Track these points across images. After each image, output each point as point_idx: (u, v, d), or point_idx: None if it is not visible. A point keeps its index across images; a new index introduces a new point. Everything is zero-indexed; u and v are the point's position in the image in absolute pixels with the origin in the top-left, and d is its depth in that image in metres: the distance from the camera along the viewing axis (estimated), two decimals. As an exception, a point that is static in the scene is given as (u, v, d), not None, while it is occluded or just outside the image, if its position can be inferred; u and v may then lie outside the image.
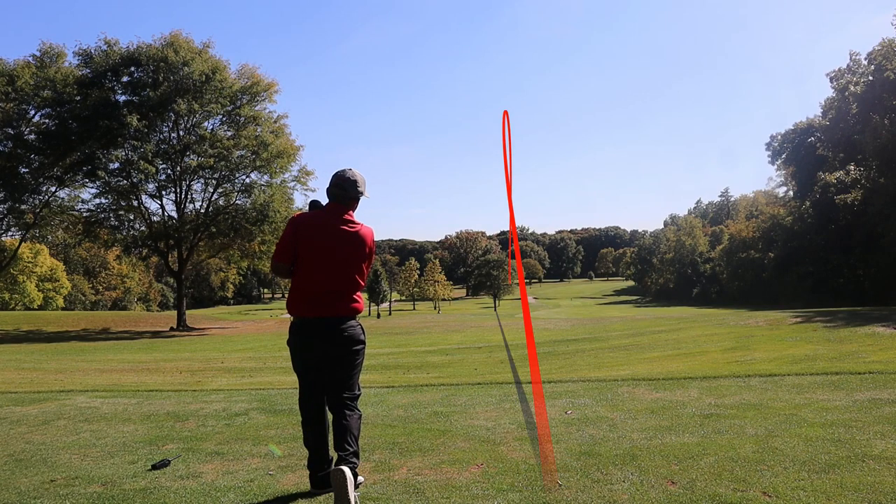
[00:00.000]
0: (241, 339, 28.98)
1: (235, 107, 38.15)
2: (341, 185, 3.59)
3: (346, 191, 3.59)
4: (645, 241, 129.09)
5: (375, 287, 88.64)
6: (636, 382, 6.93)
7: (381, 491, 3.47)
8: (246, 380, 11.64)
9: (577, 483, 3.46)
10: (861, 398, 5.38)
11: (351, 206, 3.63)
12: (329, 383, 3.57)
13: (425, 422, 5.26)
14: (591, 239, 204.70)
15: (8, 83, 34.26)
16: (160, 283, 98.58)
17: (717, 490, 3.25)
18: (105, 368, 15.57)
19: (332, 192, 3.61)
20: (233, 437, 4.93)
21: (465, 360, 15.20)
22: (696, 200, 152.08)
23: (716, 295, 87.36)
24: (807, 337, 12.80)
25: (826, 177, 52.63)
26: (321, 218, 3.56)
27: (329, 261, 3.49)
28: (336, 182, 3.61)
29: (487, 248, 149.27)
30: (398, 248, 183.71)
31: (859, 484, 3.24)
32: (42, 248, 65.80)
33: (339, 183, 3.60)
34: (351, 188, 3.60)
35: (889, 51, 39.79)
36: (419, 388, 7.48)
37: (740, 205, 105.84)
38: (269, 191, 38.73)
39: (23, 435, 5.31)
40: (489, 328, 30.09)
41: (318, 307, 3.50)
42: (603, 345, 16.79)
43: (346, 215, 3.57)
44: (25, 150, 35.88)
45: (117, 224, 39.26)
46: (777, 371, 7.29)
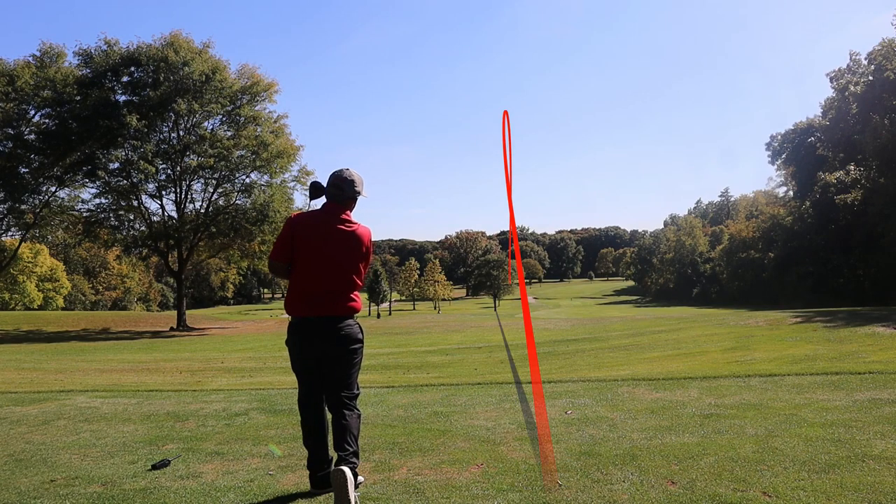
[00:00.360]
0: (241, 339, 28.98)
1: (235, 107, 38.17)
2: (338, 185, 3.60)
3: (344, 191, 3.59)
4: (645, 241, 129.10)
5: (375, 287, 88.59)
6: (636, 382, 6.93)
7: (381, 491, 3.47)
8: (246, 380, 11.64)
9: (577, 483, 3.46)
10: (861, 398, 5.38)
11: (348, 206, 3.63)
12: (328, 383, 3.57)
13: (425, 422, 5.26)
14: (591, 239, 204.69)
15: (8, 83, 34.27)
16: (160, 283, 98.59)
17: (717, 490, 3.25)
18: (105, 368, 15.57)
19: (329, 192, 3.62)
20: (233, 437, 4.93)
21: (465, 360, 15.20)
22: (696, 200, 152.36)
23: (716, 295, 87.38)
24: (807, 337, 12.80)
25: (826, 177, 52.62)
26: (318, 218, 3.56)
27: (326, 261, 3.50)
28: (333, 182, 3.61)
29: (487, 248, 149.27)
30: (398, 248, 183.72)
31: (859, 484, 3.24)
32: (42, 248, 65.78)
33: (337, 183, 3.60)
34: (348, 188, 3.60)
35: (889, 51, 39.79)
36: (419, 388, 7.48)
37: (740, 205, 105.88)
38: (269, 191, 38.74)
39: (23, 435, 5.31)
40: (489, 328, 30.09)
41: (316, 307, 3.50)
42: (603, 345, 16.79)
43: (344, 215, 3.57)
44: (25, 150, 35.90)
45: (117, 224, 39.28)
46: (777, 371, 7.29)
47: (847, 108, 45.05)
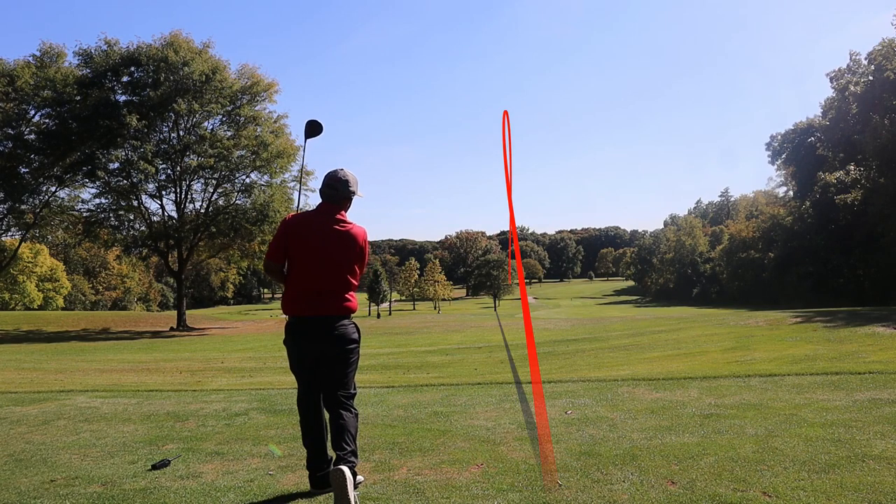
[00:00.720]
0: (241, 339, 28.98)
1: (235, 107, 38.17)
2: (333, 185, 3.62)
3: (338, 190, 3.62)
4: (645, 241, 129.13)
5: (375, 287, 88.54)
6: (636, 382, 6.93)
7: (381, 491, 3.47)
8: (246, 380, 11.64)
9: (577, 483, 3.46)
10: (861, 398, 5.38)
11: (343, 206, 3.65)
12: (324, 382, 3.58)
13: (425, 422, 5.26)
14: (591, 239, 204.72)
15: (8, 83, 34.27)
16: (160, 283, 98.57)
17: (717, 490, 3.25)
18: (105, 368, 15.57)
19: (324, 192, 3.64)
20: (233, 437, 4.93)
21: (465, 360, 15.20)
22: (696, 200, 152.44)
23: (716, 295, 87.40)
24: (807, 337, 12.79)
25: (826, 177, 52.63)
26: (313, 218, 3.58)
27: (320, 260, 3.51)
28: (328, 182, 3.63)
29: (487, 248, 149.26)
30: (398, 248, 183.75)
31: (859, 484, 3.24)
32: (42, 248, 65.78)
33: (331, 183, 3.62)
34: (343, 188, 3.62)
35: (889, 51, 39.79)
36: (419, 388, 7.48)
37: (740, 205, 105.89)
38: (269, 191, 38.76)
39: (23, 435, 5.31)
40: (489, 328, 30.08)
41: (311, 306, 3.51)
42: (603, 345, 16.79)
43: (338, 215, 3.59)
44: (25, 150, 35.89)
45: (117, 224, 39.28)
46: (777, 371, 7.29)
47: (847, 108, 45.06)
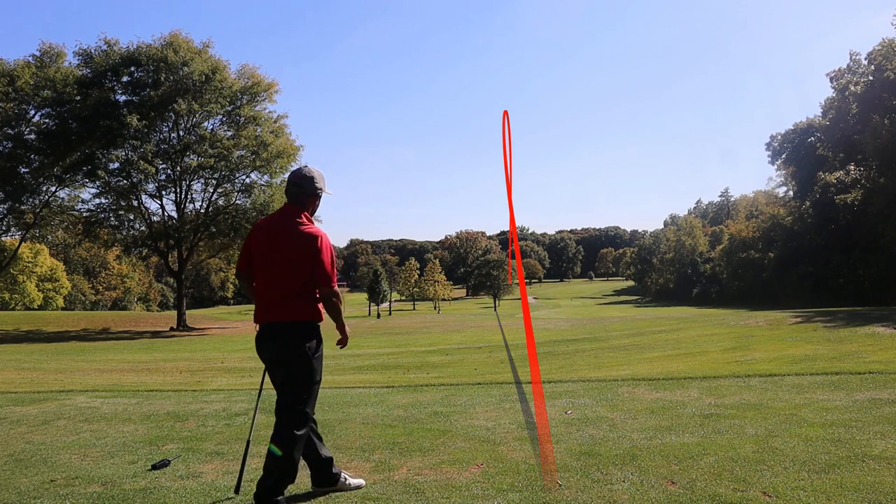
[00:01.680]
0: (241, 339, 28.97)
1: (235, 107, 38.19)
2: (298, 183, 3.47)
3: (303, 188, 3.47)
4: (645, 241, 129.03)
5: (375, 287, 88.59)
6: (636, 382, 6.93)
7: (381, 491, 3.47)
8: (246, 380, 11.63)
9: (577, 483, 3.46)
10: (861, 398, 5.38)
11: (308, 205, 3.50)
12: (276, 389, 3.47)
13: (425, 422, 5.26)
14: (591, 239, 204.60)
15: (8, 83, 34.27)
16: (160, 283, 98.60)
17: (717, 490, 3.25)
18: (105, 368, 15.57)
19: (289, 190, 3.49)
20: (233, 437, 4.93)
21: (465, 360, 15.19)
22: (696, 200, 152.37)
23: (716, 295, 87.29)
24: (807, 337, 12.79)
25: (826, 177, 52.64)
26: (272, 221, 3.46)
27: (272, 265, 3.37)
28: (293, 180, 3.49)
29: (487, 248, 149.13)
30: (398, 248, 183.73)
31: (859, 484, 3.24)
32: (42, 248, 65.78)
33: (296, 181, 3.48)
34: (308, 185, 3.48)
35: (889, 51, 39.78)
36: (419, 388, 7.48)
37: (740, 205, 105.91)
38: (269, 191, 38.79)
39: (23, 435, 5.31)
40: (489, 328, 30.08)
41: (266, 312, 3.40)
42: (603, 345, 16.78)
43: (298, 217, 3.42)
44: (25, 150, 35.92)
45: (117, 224, 39.32)
46: (777, 371, 7.29)
47: (847, 108, 45.04)
